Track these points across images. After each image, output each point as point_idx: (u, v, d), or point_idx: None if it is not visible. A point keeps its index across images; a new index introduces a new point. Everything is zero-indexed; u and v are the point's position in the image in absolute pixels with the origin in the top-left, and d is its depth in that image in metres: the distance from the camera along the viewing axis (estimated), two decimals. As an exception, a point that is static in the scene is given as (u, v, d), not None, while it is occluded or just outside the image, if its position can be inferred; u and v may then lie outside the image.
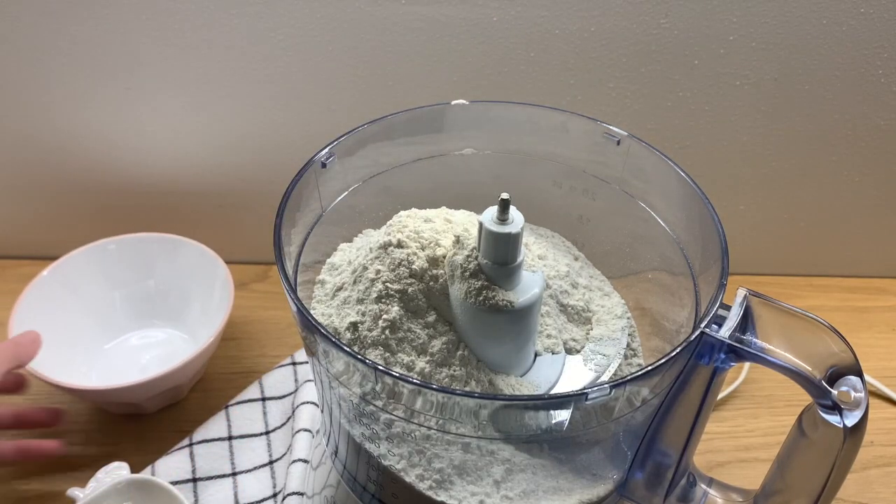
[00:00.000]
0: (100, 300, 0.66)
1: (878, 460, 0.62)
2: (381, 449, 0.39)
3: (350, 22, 0.62)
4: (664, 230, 0.45)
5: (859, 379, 0.36)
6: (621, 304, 0.46)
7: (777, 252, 0.80)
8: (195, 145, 0.70)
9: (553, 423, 0.36)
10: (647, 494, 0.44)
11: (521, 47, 0.64)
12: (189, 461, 0.56)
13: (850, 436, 0.36)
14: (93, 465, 0.58)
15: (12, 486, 0.57)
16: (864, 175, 0.74)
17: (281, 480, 0.56)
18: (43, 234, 0.75)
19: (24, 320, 0.60)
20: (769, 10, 0.63)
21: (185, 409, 0.63)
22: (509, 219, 0.36)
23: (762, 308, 0.37)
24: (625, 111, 0.68)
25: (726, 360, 0.37)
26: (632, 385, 0.34)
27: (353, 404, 0.38)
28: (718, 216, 0.40)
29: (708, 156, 0.71)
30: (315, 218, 0.44)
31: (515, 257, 0.37)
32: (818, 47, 0.65)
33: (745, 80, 0.66)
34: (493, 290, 0.37)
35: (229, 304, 0.61)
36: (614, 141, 0.46)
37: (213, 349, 0.61)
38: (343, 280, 0.42)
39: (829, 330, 0.37)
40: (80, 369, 0.63)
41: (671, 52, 0.65)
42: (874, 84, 0.67)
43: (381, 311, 0.38)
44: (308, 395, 0.60)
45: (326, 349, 0.36)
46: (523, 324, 0.39)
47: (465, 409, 0.34)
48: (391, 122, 0.46)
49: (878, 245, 0.80)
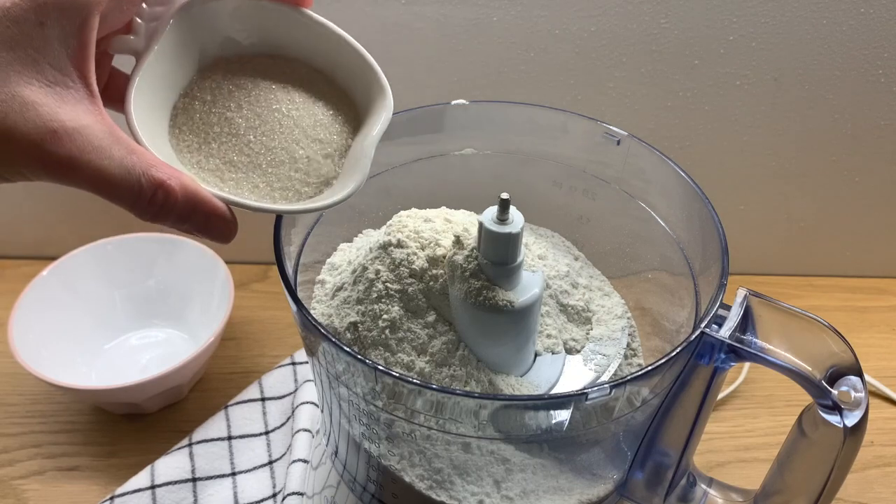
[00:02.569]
0: (100, 300, 0.66)
1: (878, 460, 0.62)
2: (381, 449, 0.39)
3: (350, 22, 0.62)
4: (664, 230, 0.45)
5: (859, 379, 0.36)
6: (621, 304, 0.46)
7: (777, 252, 0.80)
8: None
9: (553, 423, 0.36)
10: (647, 494, 0.44)
11: (521, 47, 0.64)
12: (189, 461, 0.56)
13: (850, 436, 0.36)
14: (93, 466, 0.58)
15: (12, 486, 0.57)
16: (864, 175, 0.74)
17: (280, 480, 0.56)
18: (43, 234, 0.75)
19: (24, 320, 0.60)
20: (769, 10, 0.62)
21: (185, 409, 0.63)
22: (509, 219, 0.36)
23: (762, 308, 0.37)
24: (625, 111, 0.68)
25: (726, 360, 0.37)
26: (632, 385, 0.34)
27: (353, 404, 0.38)
28: (718, 216, 0.40)
29: (708, 156, 0.71)
30: (315, 218, 0.44)
31: (515, 257, 0.37)
32: (818, 47, 0.65)
33: (745, 80, 0.66)
34: (493, 290, 0.37)
35: (229, 304, 0.61)
36: (614, 141, 0.46)
37: (213, 349, 0.61)
38: (343, 280, 0.42)
39: (829, 330, 0.37)
40: (80, 369, 0.63)
41: (671, 52, 0.65)
42: (874, 84, 0.67)
43: (381, 311, 0.38)
44: (308, 395, 0.60)
45: (326, 349, 0.36)
46: (523, 324, 0.39)
47: (465, 409, 0.34)
48: (391, 122, 0.46)
49: (878, 245, 0.79)
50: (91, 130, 0.29)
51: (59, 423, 0.61)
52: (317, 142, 0.36)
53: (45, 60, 0.29)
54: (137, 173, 0.30)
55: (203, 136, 0.35)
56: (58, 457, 0.59)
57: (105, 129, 0.30)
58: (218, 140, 0.35)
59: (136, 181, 0.30)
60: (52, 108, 0.29)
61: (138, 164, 0.30)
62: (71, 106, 0.29)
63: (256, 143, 0.35)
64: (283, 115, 0.36)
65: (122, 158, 0.30)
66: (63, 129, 0.29)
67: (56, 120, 0.29)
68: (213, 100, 0.36)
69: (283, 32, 0.38)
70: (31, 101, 0.28)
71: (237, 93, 0.36)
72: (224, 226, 0.33)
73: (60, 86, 0.29)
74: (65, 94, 0.30)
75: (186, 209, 0.32)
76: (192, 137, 0.36)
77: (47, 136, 0.28)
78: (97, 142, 0.30)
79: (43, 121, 0.29)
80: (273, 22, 0.37)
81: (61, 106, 0.29)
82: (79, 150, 0.29)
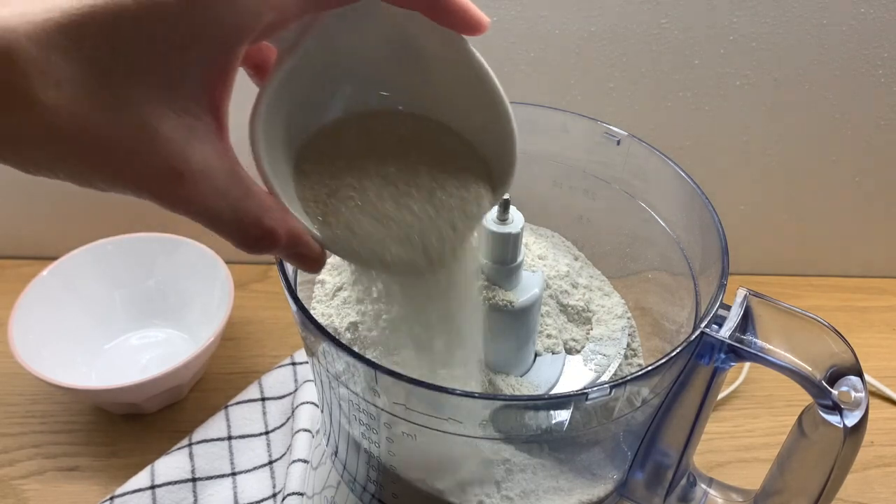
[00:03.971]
0: (100, 300, 0.66)
1: (878, 460, 0.62)
2: (381, 449, 0.39)
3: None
4: (664, 230, 0.45)
5: (859, 379, 0.36)
6: (621, 304, 0.46)
7: (777, 252, 0.80)
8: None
9: (553, 423, 0.36)
10: (647, 494, 0.44)
11: (521, 47, 0.64)
12: (189, 461, 0.56)
13: (850, 436, 0.36)
14: (92, 466, 0.58)
15: (12, 486, 0.57)
16: (863, 175, 0.74)
17: (280, 480, 0.56)
18: (43, 234, 0.75)
19: (24, 320, 0.60)
20: (769, 10, 0.62)
21: (185, 409, 0.63)
22: (509, 219, 0.36)
23: (762, 308, 0.37)
24: (625, 111, 0.68)
25: (726, 360, 0.37)
26: (632, 385, 0.34)
27: (353, 404, 0.38)
28: (718, 216, 0.40)
29: (708, 156, 0.71)
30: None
31: (515, 257, 0.37)
32: (818, 47, 0.65)
33: (745, 80, 0.66)
34: (493, 290, 0.37)
35: (229, 304, 0.61)
36: (614, 141, 0.46)
37: (213, 349, 0.61)
38: (343, 280, 0.42)
39: (829, 330, 0.37)
40: (80, 369, 0.63)
41: (671, 52, 0.65)
42: (874, 84, 0.67)
43: (381, 311, 0.38)
44: (308, 395, 0.60)
45: (326, 349, 0.36)
46: (523, 324, 0.39)
47: (465, 409, 0.34)
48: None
49: (878, 245, 0.79)
50: (215, 173, 0.27)
51: (59, 423, 0.61)
52: (450, 227, 0.32)
53: (180, 87, 0.26)
54: (249, 221, 0.28)
55: (330, 190, 0.32)
56: (58, 457, 0.59)
57: (228, 168, 0.28)
58: (346, 203, 0.32)
59: (246, 227, 0.28)
60: (181, 147, 0.26)
61: (252, 210, 0.28)
62: (199, 143, 0.26)
63: (389, 213, 0.32)
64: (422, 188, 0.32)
65: (238, 202, 0.28)
66: (189, 172, 0.26)
67: (184, 162, 0.26)
68: (346, 155, 0.33)
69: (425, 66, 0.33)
70: (161, 135, 0.25)
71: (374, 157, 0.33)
72: (314, 268, 0.31)
73: (191, 116, 0.26)
74: (195, 126, 0.26)
75: (285, 252, 0.30)
76: (319, 188, 0.32)
77: (172, 178, 0.26)
78: (218, 184, 0.27)
79: (170, 162, 0.26)
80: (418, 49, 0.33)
81: (190, 142, 0.26)
82: (198, 194, 0.27)
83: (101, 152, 0.25)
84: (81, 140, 0.24)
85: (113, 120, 0.24)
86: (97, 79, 0.24)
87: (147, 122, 0.25)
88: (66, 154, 0.25)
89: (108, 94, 0.24)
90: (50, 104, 0.23)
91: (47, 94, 0.23)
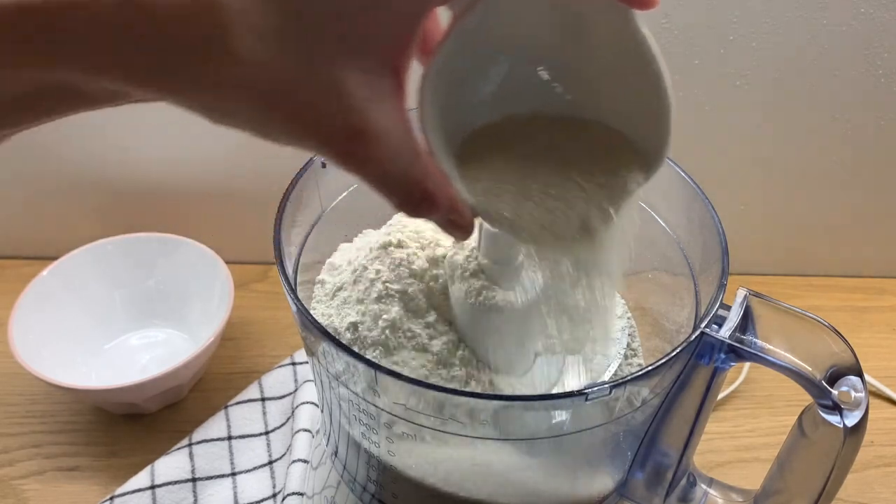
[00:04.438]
0: (100, 300, 0.66)
1: (878, 460, 0.62)
2: (381, 449, 0.39)
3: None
4: (664, 230, 0.45)
5: (859, 379, 0.36)
6: (621, 304, 0.46)
7: (777, 252, 0.80)
8: (196, 145, 0.70)
9: (553, 423, 0.36)
10: (647, 494, 0.44)
11: (521, 47, 0.64)
12: (188, 461, 0.56)
13: (850, 436, 0.36)
14: (92, 466, 0.58)
15: (12, 486, 0.57)
16: (863, 175, 0.73)
17: (280, 481, 0.56)
18: (43, 234, 0.75)
19: (24, 320, 0.60)
20: (769, 10, 0.62)
21: (185, 409, 0.63)
22: (510, 219, 0.36)
23: (762, 308, 0.37)
24: (625, 111, 0.68)
25: (726, 360, 0.37)
26: (632, 385, 0.34)
27: (353, 404, 0.38)
28: (718, 216, 0.40)
29: (708, 156, 0.71)
30: (315, 218, 0.44)
31: (515, 257, 0.37)
32: (818, 47, 0.65)
33: (745, 80, 0.66)
34: (493, 290, 0.37)
35: (229, 304, 0.61)
36: (614, 141, 0.46)
37: (213, 349, 0.61)
38: (343, 280, 0.42)
39: (829, 330, 0.37)
40: (80, 369, 0.63)
41: (671, 52, 0.65)
42: (874, 84, 0.67)
43: (381, 311, 0.38)
44: (308, 395, 0.60)
45: (326, 349, 0.36)
46: (523, 324, 0.39)
47: (465, 408, 0.34)
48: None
49: (878, 245, 0.79)
50: (393, 135, 0.27)
51: (59, 423, 0.61)
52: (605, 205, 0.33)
53: (369, 46, 0.26)
54: (413, 183, 0.28)
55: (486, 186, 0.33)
56: (58, 457, 0.59)
57: (403, 129, 0.28)
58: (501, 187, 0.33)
59: (410, 190, 0.28)
60: (364, 104, 0.26)
61: (418, 173, 0.28)
62: (380, 102, 0.26)
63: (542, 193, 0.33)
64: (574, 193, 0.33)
65: (407, 165, 0.28)
66: (369, 131, 0.26)
67: (366, 120, 0.26)
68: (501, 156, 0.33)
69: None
70: (346, 92, 0.25)
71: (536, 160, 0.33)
72: (464, 236, 0.32)
73: (375, 74, 0.26)
74: (377, 85, 0.26)
75: (441, 217, 0.31)
76: (483, 174, 0.33)
77: (354, 136, 0.26)
78: (393, 145, 0.27)
79: (353, 119, 0.26)
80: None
81: (372, 101, 0.26)
82: (375, 155, 0.27)
83: (290, 105, 0.25)
84: (274, 92, 0.24)
85: (305, 74, 0.25)
86: (292, 32, 0.24)
87: (336, 79, 0.25)
88: (257, 105, 0.25)
89: (303, 48, 0.24)
90: (247, 56, 0.23)
91: (245, 44, 0.23)
